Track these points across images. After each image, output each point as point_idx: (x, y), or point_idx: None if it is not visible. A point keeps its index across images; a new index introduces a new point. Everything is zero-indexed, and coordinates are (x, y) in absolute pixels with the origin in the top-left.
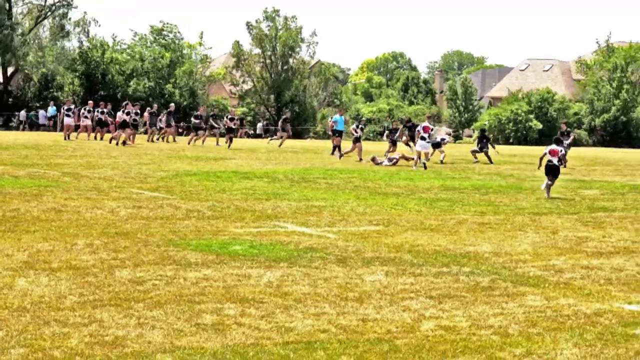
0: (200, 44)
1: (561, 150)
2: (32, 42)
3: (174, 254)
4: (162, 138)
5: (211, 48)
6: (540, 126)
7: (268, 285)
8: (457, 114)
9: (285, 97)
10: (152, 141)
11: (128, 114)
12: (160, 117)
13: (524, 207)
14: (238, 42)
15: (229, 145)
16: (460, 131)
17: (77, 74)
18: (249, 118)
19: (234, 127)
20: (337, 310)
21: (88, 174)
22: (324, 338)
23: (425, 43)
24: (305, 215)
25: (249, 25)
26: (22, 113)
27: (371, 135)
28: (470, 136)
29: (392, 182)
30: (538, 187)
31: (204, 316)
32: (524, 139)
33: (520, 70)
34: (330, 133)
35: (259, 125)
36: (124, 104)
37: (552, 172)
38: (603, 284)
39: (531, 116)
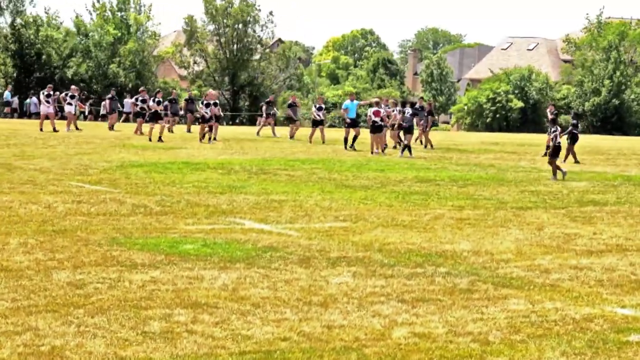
0: (149, 18)
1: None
2: None
3: (118, 254)
4: (263, 128)
5: (160, 24)
6: (520, 104)
7: (223, 288)
8: (431, 98)
9: (240, 80)
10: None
11: (159, 102)
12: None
13: (506, 200)
14: (192, 16)
15: (215, 137)
16: (436, 117)
17: (9, 53)
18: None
19: (217, 113)
20: (299, 315)
21: (22, 165)
22: (285, 347)
23: (398, 20)
24: (264, 210)
25: None
26: (15, 99)
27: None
28: (447, 122)
29: (360, 173)
30: (521, 179)
31: (151, 323)
32: (504, 122)
33: (502, 50)
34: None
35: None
36: (155, 92)
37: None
38: (593, 286)
39: (511, 96)
